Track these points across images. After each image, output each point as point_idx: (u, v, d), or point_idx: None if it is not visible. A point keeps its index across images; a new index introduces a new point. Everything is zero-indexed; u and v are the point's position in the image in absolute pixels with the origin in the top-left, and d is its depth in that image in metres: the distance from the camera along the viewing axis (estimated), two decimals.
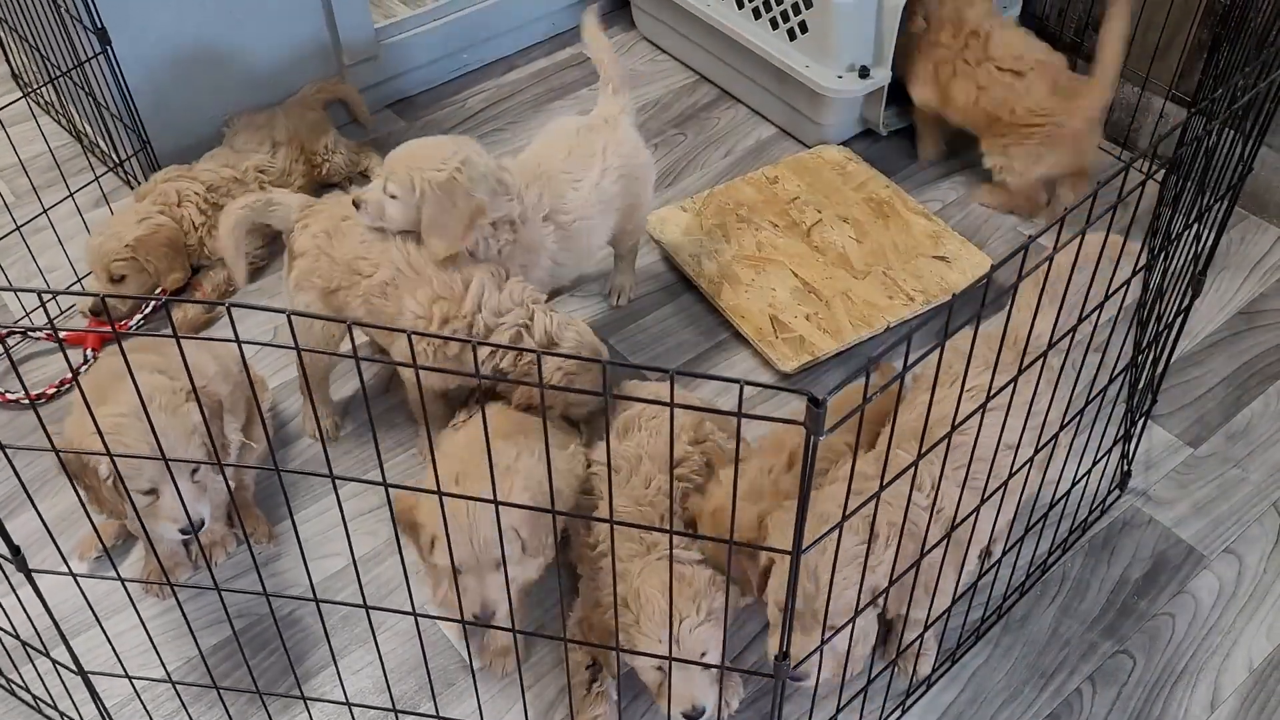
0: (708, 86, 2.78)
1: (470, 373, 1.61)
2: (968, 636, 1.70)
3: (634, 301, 2.28)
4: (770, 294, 2.20)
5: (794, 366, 2.07)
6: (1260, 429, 2.02)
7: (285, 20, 2.43)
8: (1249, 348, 2.15)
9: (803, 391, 0.96)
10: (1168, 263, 1.66)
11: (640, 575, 1.48)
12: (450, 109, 2.73)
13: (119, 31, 2.13)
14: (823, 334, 2.12)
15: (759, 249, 2.29)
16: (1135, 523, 1.88)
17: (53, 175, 2.39)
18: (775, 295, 2.20)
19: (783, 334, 2.13)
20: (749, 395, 2.09)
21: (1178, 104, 2.42)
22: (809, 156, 2.51)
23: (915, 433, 1.43)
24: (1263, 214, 2.39)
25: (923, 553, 1.37)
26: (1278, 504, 1.91)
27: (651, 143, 2.61)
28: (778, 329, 2.14)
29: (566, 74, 2.82)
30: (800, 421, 0.97)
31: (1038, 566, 1.78)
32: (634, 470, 1.67)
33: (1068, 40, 2.56)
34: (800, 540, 1.06)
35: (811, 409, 0.95)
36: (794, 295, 2.20)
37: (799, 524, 1.04)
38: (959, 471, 1.40)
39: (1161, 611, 1.77)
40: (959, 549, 1.47)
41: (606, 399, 0.99)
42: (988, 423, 1.35)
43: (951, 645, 1.68)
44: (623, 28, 2.94)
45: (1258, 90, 1.42)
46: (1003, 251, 2.34)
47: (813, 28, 2.40)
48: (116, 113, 2.26)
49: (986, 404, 1.24)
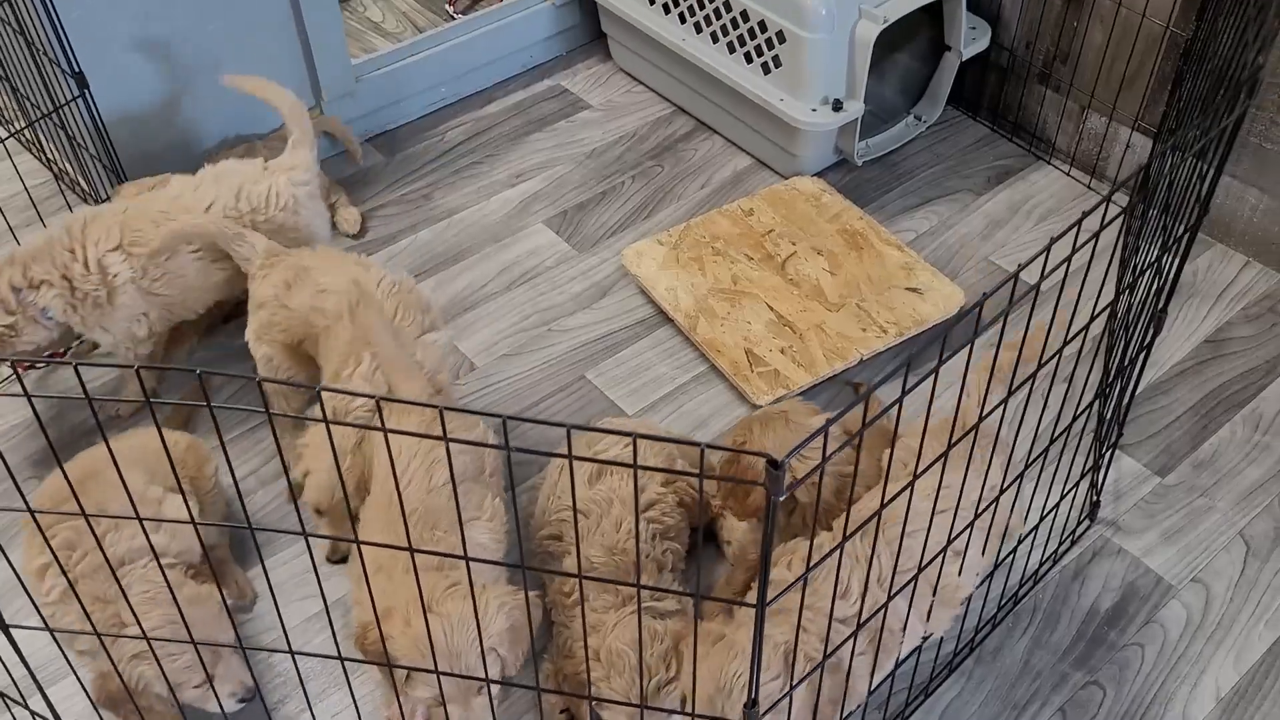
0: (684, 118, 2.81)
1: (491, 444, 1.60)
2: (940, 670, 1.73)
3: (611, 335, 2.30)
4: (746, 327, 2.23)
5: (768, 400, 2.10)
6: (1226, 457, 2.05)
7: (263, 59, 2.45)
8: (1215, 376, 2.19)
9: (761, 454, 0.98)
10: (1133, 295, 1.70)
11: (613, 631, 1.49)
12: (428, 142, 2.75)
13: (96, 74, 2.15)
14: (797, 367, 2.15)
15: (734, 282, 2.32)
16: (1105, 553, 1.92)
17: (29, 214, 2.40)
18: (751, 328, 2.23)
19: (758, 368, 2.16)
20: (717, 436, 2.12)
21: (1144, 134, 2.47)
22: (784, 188, 2.54)
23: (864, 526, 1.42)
24: (1227, 240, 2.43)
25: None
26: (1244, 532, 1.94)
27: (628, 174, 2.66)
28: (753, 363, 2.17)
29: (544, 106, 2.85)
30: (760, 483, 0.99)
31: (1009, 599, 1.81)
32: (604, 514, 1.68)
33: (1036, 71, 2.60)
34: (764, 595, 1.08)
35: (770, 471, 0.97)
36: (769, 328, 2.23)
37: (762, 580, 1.07)
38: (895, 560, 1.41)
39: (1131, 642, 1.80)
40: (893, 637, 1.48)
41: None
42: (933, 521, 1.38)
43: (924, 679, 1.71)
44: (599, 59, 2.98)
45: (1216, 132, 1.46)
46: (975, 281, 2.38)
47: (786, 62, 2.43)
48: (95, 153, 2.28)
49: (912, 487, 1.23)
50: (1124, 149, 2.52)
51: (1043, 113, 2.64)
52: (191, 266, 1.98)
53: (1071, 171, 2.63)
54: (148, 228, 1.95)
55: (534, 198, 2.60)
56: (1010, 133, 2.71)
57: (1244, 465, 2.04)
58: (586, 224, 2.54)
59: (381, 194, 2.61)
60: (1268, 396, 2.15)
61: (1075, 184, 2.61)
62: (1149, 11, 2.33)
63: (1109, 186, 2.57)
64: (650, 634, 1.47)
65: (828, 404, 2.14)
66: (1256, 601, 1.85)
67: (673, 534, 1.73)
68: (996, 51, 2.65)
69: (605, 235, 2.52)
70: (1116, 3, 2.38)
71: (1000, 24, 2.63)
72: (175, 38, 2.30)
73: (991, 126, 2.75)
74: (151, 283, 1.96)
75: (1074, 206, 2.56)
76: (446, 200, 2.60)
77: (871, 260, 2.35)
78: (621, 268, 2.41)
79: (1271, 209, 2.33)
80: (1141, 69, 2.41)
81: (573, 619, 1.60)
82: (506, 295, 2.39)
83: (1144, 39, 2.37)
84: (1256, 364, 2.21)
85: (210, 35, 2.35)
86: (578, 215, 2.56)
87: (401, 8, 3.08)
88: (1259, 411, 2.12)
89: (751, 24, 2.47)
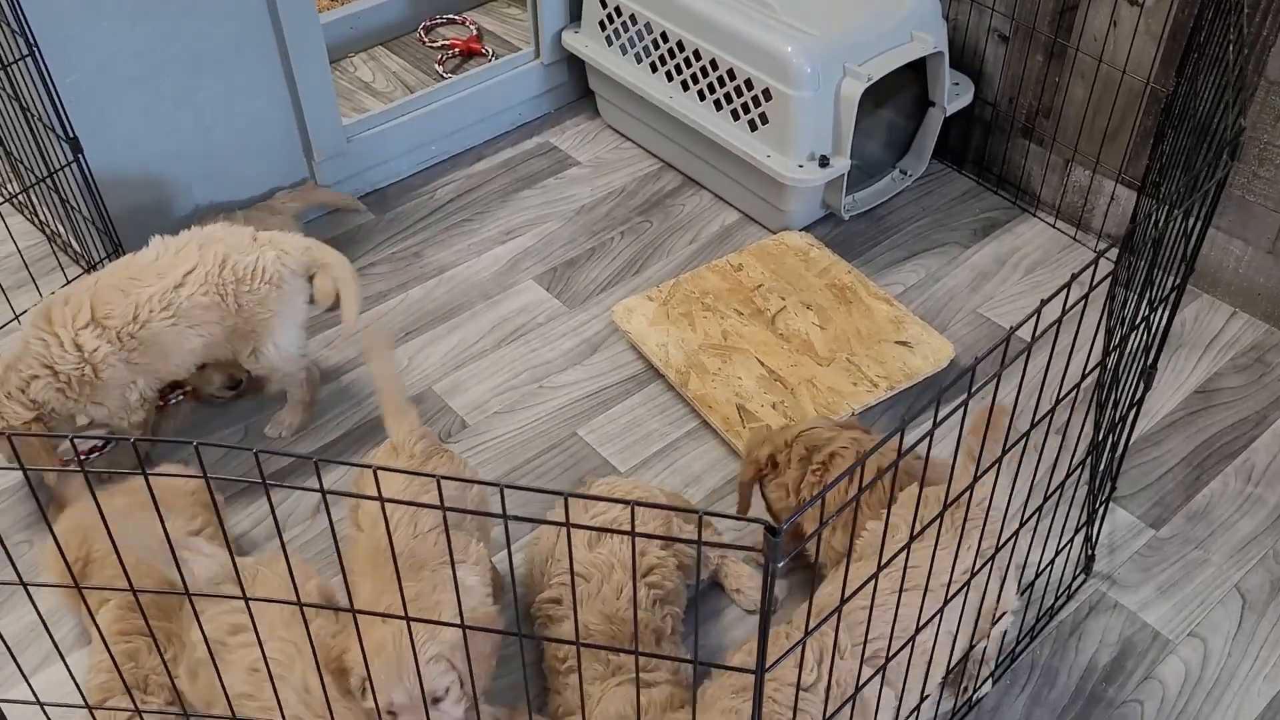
0: (672, 174, 2.83)
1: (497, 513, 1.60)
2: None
3: (603, 391, 2.30)
4: (737, 382, 2.24)
5: None
6: (1220, 509, 2.05)
7: (255, 122, 2.47)
8: (1206, 426, 2.20)
9: (759, 520, 0.98)
10: (1123, 351, 1.71)
11: (600, 703, 1.47)
12: (419, 200, 2.77)
13: (90, 139, 2.16)
14: (786, 422, 2.15)
15: (725, 338, 2.33)
16: (1101, 608, 1.91)
17: (22, 276, 2.40)
18: (742, 384, 2.23)
19: (750, 423, 2.16)
20: (710, 492, 2.12)
21: (1128, 187, 2.49)
22: (772, 243, 2.56)
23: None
24: (1214, 291, 2.45)
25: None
26: (1239, 586, 1.94)
27: (617, 230, 2.67)
28: (745, 418, 2.17)
29: (533, 163, 2.87)
30: (759, 549, 0.99)
31: (1006, 655, 1.80)
32: (605, 579, 1.66)
33: (1019, 125, 2.64)
34: (763, 660, 1.08)
35: (768, 537, 0.97)
36: (760, 384, 2.23)
37: (761, 643, 1.06)
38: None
39: (1130, 699, 1.79)
40: None
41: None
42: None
43: None
44: (587, 117, 3.00)
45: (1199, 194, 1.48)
46: (964, 334, 2.39)
47: (773, 119, 2.46)
48: (89, 216, 2.28)
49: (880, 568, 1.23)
50: (1108, 201, 2.54)
51: (1027, 166, 2.67)
52: (167, 333, 1.97)
53: (1057, 223, 2.65)
54: (117, 299, 1.93)
55: (524, 254, 2.62)
56: (995, 185, 2.74)
57: (1237, 517, 2.04)
58: (576, 280, 2.55)
59: (371, 252, 2.62)
60: (1259, 447, 2.16)
61: (1061, 236, 2.63)
62: (1129, 68, 2.37)
63: (1094, 238, 2.60)
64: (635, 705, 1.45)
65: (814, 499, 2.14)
66: (1254, 656, 1.84)
67: (671, 598, 1.72)
68: (980, 106, 2.68)
69: (595, 291, 2.53)
70: (1097, 59, 2.41)
71: (983, 79, 2.66)
72: (169, 102, 2.32)
73: (977, 180, 2.78)
74: (130, 353, 1.95)
75: (1060, 258, 2.58)
76: (437, 257, 2.61)
77: (861, 314, 2.37)
78: (612, 323, 2.42)
79: (1256, 260, 2.36)
80: (1124, 123, 2.44)
81: (565, 686, 1.58)
82: (497, 352, 2.39)
83: (1125, 94, 2.40)
84: (1247, 414, 2.22)
85: (204, 99, 2.37)
86: (567, 271, 2.57)
87: (391, 67, 3.12)
88: (1250, 462, 2.13)
89: (738, 81, 2.50)
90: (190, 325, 1.99)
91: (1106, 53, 2.39)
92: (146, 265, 1.99)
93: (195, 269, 1.97)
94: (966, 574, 1.43)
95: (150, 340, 1.96)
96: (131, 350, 1.95)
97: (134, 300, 1.94)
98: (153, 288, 1.95)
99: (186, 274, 1.97)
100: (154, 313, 1.94)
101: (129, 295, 1.94)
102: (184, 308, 1.96)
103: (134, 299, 1.94)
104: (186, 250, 2.00)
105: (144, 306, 1.94)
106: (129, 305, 1.94)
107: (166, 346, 1.99)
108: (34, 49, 2.00)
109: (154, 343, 1.97)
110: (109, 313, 1.93)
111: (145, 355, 1.98)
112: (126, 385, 1.99)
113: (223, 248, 2.00)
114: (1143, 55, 2.34)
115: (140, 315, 1.94)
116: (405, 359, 2.38)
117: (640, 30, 2.70)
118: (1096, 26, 2.39)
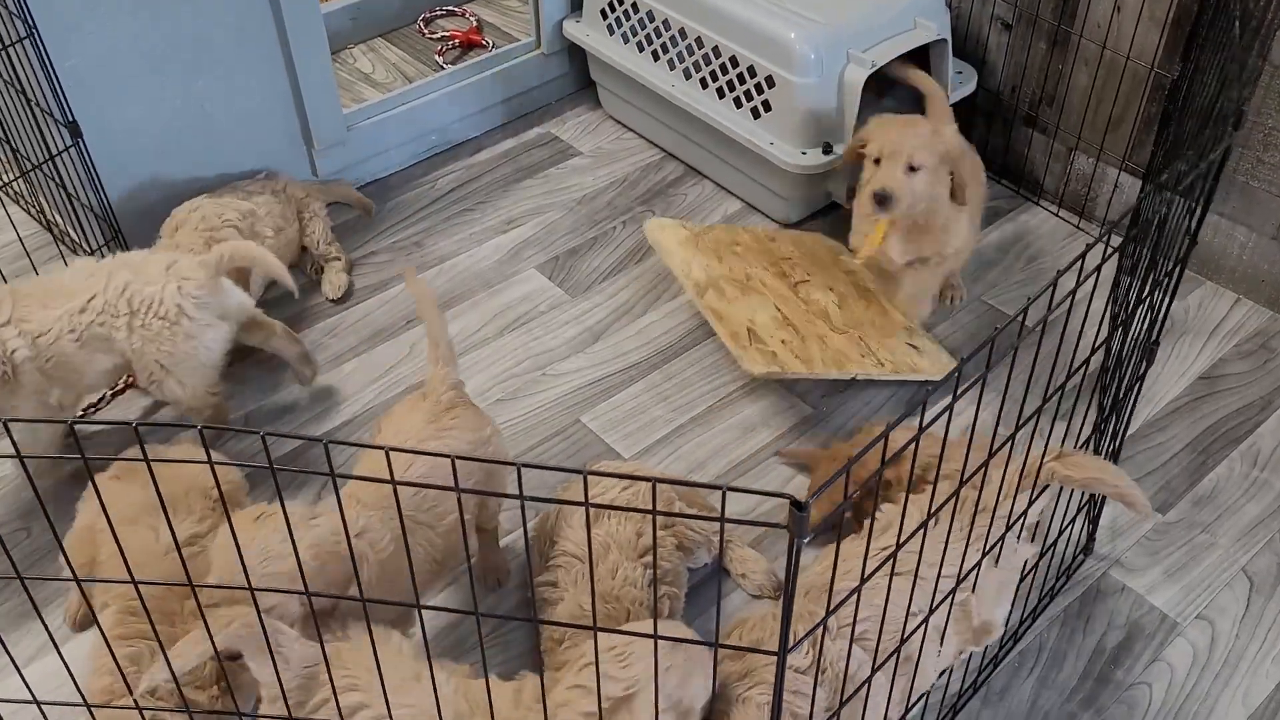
0: (674, 163, 2.83)
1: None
2: (946, 712, 1.70)
3: (606, 378, 2.29)
4: (752, 313, 2.21)
5: (762, 371, 2.05)
6: (1226, 493, 2.05)
7: (255, 110, 2.46)
8: (1211, 412, 2.19)
9: (785, 495, 0.97)
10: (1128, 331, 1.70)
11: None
12: (419, 190, 2.76)
13: (90, 124, 2.15)
14: (794, 358, 2.12)
15: (747, 279, 2.31)
16: (1108, 590, 1.90)
17: (23, 264, 2.39)
18: (756, 317, 2.20)
19: (757, 344, 2.12)
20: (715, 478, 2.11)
21: (1132, 174, 2.49)
22: (807, 235, 2.55)
23: None
24: (1217, 278, 2.45)
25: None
26: (1247, 569, 1.93)
27: (620, 219, 2.66)
28: (752, 339, 2.14)
29: (534, 153, 2.86)
30: (783, 525, 0.97)
31: (1010, 637, 1.79)
32: (601, 560, 1.65)
33: (1022, 114, 2.63)
34: (786, 640, 1.06)
35: (794, 512, 0.95)
36: (773, 322, 2.20)
37: (785, 623, 1.04)
38: None
39: (1138, 681, 1.78)
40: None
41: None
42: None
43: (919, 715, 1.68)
44: (588, 107, 2.99)
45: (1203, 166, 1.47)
46: (968, 321, 2.39)
47: (776, 107, 2.45)
48: (87, 203, 2.27)
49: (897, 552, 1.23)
50: (1112, 189, 2.54)
51: (1030, 154, 2.67)
52: (76, 354, 1.91)
53: (1060, 212, 2.65)
54: (35, 308, 1.89)
55: (525, 244, 2.61)
56: (998, 174, 2.74)
57: (1243, 501, 2.03)
58: (578, 269, 2.54)
59: (372, 241, 2.61)
60: (1264, 432, 2.15)
61: (1064, 224, 2.63)
62: (1133, 54, 2.36)
63: (1098, 226, 2.59)
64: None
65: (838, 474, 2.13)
66: (1262, 638, 1.83)
67: (670, 578, 1.71)
68: (983, 95, 2.67)
69: (598, 280, 2.52)
70: (1101, 45, 2.41)
71: (986, 68, 2.66)
72: (169, 88, 2.31)
73: None
74: (44, 363, 1.90)
75: (1064, 246, 2.57)
76: (438, 247, 2.60)
77: (878, 312, 2.33)
78: (613, 310, 2.42)
79: (1260, 246, 2.35)
80: (1127, 110, 2.43)
81: (563, 664, 1.57)
82: (499, 340, 2.38)
83: (1129, 80, 2.40)
84: (1252, 399, 2.21)
85: (204, 86, 2.35)
86: (569, 260, 2.56)
87: (391, 58, 3.11)
88: (1256, 447, 2.12)
89: (741, 69, 2.49)
90: (95, 350, 1.93)
91: (1110, 39, 2.39)
92: (63, 284, 1.94)
93: (96, 296, 1.91)
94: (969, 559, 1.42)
95: (61, 358, 1.91)
96: (45, 361, 1.90)
97: (49, 315, 1.89)
98: (59, 309, 1.90)
99: (90, 299, 1.91)
100: (62, 334, 1.89)
101: (46, 309, 1.90)
102: (86, 333, 1.91)
103: (49, 314, 1.90)
104: (98, 274, 1.94)
105: (54, 325, 1.89)
106: (44, 318, 1.90)
107: (78, 366, 1.93)
108: (33, 31, 1.99)
109: (65, 361, 1.91)
110: (26, 316, 1.89)
111: (58, 370, 1.92)
112: (44, 392, 1.94)
113: (128, 274, 1.93)
114: (1146, 41, 2.33)
115: (51, 332, 1.89)
116: (408, 347, 2.36)
117: (642, 19, 2.69)
118: (1100, 13, 2.39)
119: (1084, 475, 1.53)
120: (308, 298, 2.47)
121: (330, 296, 2.46)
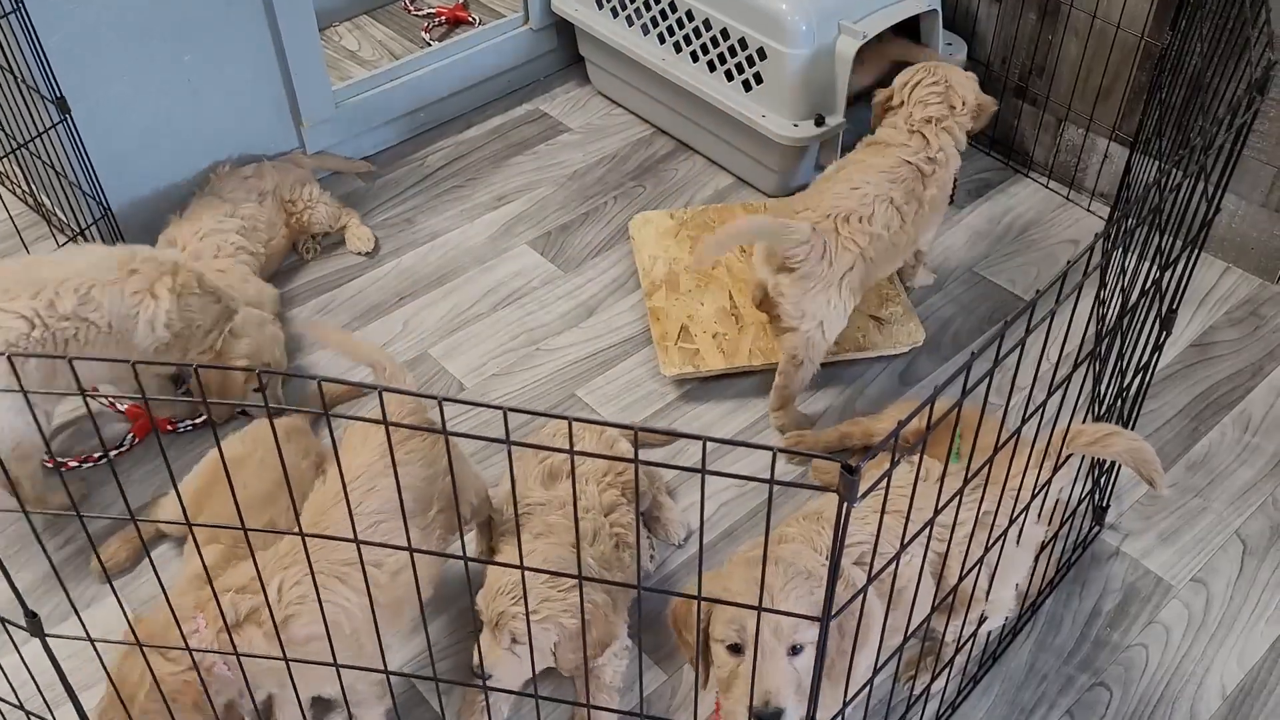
0: (664, 139, 2.82)
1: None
2: (967, 683, 1.72)
3: (601, 353, 2.29)
4: (697, 307, 2.31)
5: (674, 373, 2.19)
6: (1218, 458, 2.06)
7: (243, 85, 2.44)
8: (1203, 379, 2.21)
9: (835, 459, 0.97)
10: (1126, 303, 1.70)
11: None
12: (409, 167, 2.75)
13: (78, 100, 2.13)
14: (717, 353, 2.22)
15: (714, 266, 2.37)
16: (1103, 555, 1.92)
17: (13, 243, 2.37)
18: (700, 310, 2.30)
19: (682, 343, 2.23)
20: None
21: (1121, 144, 2.50)
22: None
23: None
24: (1207, 247, 2.46)
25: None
26: (1240, 532, 1.95)
27: (610, 194, 2.66)
28: (680, 338, 2.24)
29: (524, 130, 2.85)
30: (834, 489, 0.97)
31: (1028, 607, 1.80)
32: (565, 515, 1.70)
33: (1012, 85, 2.63)
34: (830, 607, 1.06)
35: (845, 476, 0.95)
36: (716, 314, 2.30)
37: (829, 590, 1.04)
38: None
39: (1135, 643, 1.80)
40: None
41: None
42: None
43: (941, 688, 1.69)
44: (577, 83, 2.98)
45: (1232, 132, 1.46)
46: (961, 293, 2.39)
47: (768, 78, 2.45)
48: (75, 180, 2.25)
49: None
50: (1101, 159, 2.55)
51: (1020, 126, 2.67)
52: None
53: (1050, 183, 2.66)
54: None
55: (517, 219, 2.60)
56: (988, 147, 2.74)
57: (1236, 466, 2.05)
58: (570, 244, 2.54)
59: (364, 219, 2.59)
60: (1255, 398, 2.17)
61: (1054, 195, 2.63)
62: (1123, 23, 2.37)
63: (1087, 197, 2.60)
64: None
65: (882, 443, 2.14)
66: (1256, 600, 1.85)
67: (633, 540, 1.74)
68: (973, 66, 2.67)
69: (590, 255, 2.51)
70: (1091, 15, 2.41)
71: (976, 39, 2.66)
72: (157, 63, 2.28)
73: (970, 141, 2.76)
74: None
75: (1054, 218, 2.58)
76: (429, 223, 2.59)
77: None
78: (606, 285, 2.42)
79: (1249, 215, 2.36)
80: (1117, 80, 2.44)
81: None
82: (493, 316, 2.37)
83: (1119, 50, 2.40)
84: (1242, 366, 2.23)
85: (192, 62, 2.33)
86: (561, 236, 2.56)
87: (377, 36, 3.08)
88: (1247, 413, 2.14)
89: (731, 42, 2.49)
90: None
91: (1100, 8, 2.39)
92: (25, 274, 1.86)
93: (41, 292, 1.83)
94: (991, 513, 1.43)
95: None
96: None
97: None
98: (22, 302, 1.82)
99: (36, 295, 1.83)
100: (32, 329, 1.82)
101: None
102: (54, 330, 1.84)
103: None
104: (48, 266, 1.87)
105: None
106: None
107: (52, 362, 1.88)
108: (19, 5, 1.97)
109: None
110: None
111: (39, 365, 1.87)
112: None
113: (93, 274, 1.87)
114: (1137, 10, 2.34)
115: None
116: (400, 324, 2.36)
117: None
118: None
119: (1123, 445, 1.50)
120: (298, 276, 2.45)
121: (362, 250, 2.50)
